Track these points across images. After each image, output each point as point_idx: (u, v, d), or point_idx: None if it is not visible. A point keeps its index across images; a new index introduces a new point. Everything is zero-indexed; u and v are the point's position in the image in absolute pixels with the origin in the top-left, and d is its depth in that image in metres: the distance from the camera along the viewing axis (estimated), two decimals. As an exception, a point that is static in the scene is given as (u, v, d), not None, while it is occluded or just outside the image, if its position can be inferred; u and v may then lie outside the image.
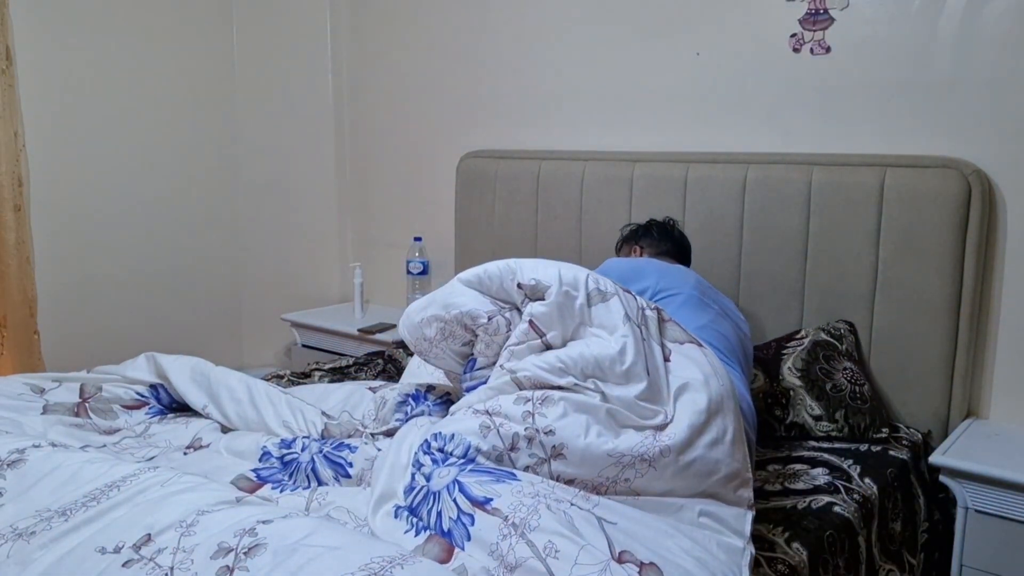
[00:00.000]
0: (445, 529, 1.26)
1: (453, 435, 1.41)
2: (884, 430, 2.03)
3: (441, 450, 1.40)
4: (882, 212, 2.09)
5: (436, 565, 1.15)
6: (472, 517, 1.25)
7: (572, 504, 1.27)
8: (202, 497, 1.27)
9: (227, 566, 1.11)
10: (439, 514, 1.28)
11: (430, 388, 1.86)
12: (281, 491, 1.55)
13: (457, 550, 1.22)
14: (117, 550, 1.19)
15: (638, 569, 1.18)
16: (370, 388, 2.08)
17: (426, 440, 1.44)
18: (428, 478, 1.36)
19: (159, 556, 1.15)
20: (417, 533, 1.28)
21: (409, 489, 1.38)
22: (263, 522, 1.18)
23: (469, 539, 1.22)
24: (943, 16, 2.05)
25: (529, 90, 2.84)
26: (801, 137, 2.29)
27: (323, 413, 1.87)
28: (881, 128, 2.17)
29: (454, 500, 1.28)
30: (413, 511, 1.33)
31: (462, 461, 1.37)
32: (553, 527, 1.20)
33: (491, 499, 1.26)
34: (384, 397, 1.91)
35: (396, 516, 1.33)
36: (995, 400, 2.10)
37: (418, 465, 1.41)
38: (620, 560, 1.18)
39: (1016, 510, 1.79)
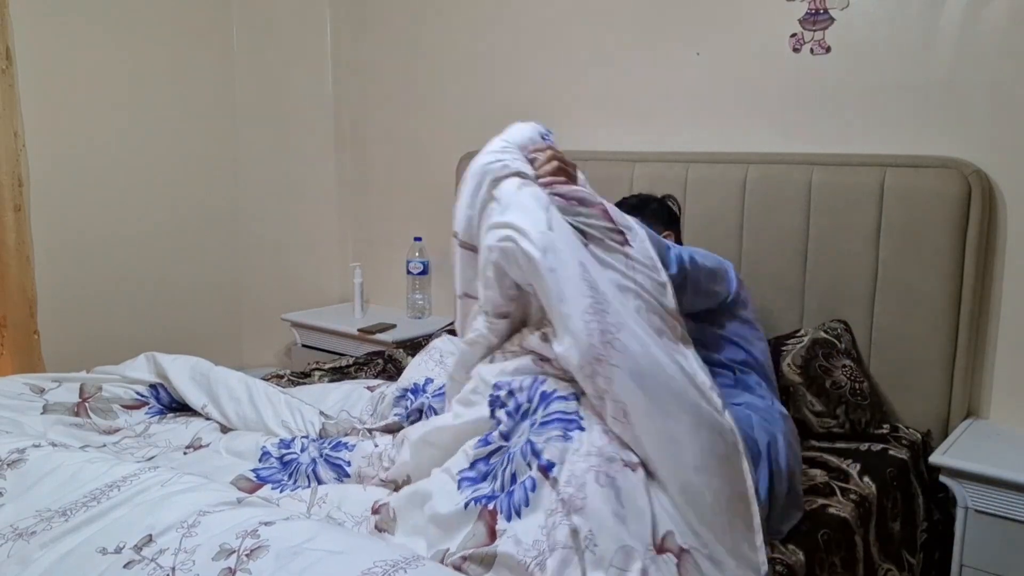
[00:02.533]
0: (512, 492, 1.28)
1: (516, 368, 1.44)
2: (885, 426, 2.05)
3: (511, 392, 1.41)
4: (882, 212, 2.09)
5: (439, 567, 1.15)
6: (534, 481, 1.27)
7: (624, 465, 1.27)
8: (203, 497, 1.28)
9: (229, 568, 1.11)
10: (513, 476, 1.30)
11: (428, 381, 1.87)
12: (281, 491, 1.55)
13: (500, 526, 1.23)
14: (118, 550, 1.19)
15: (676, 560, 1.18)
16: (367, 387, 2.08)
17: (495, 395, 1.44)
18: (507, 437, 1.38)
19: (160, 557, 1.15)
20: (467, 506, 1.29)
21: (484, 442, 1.39)
22: (265, 523, 1.18)
23: (527, 504, 1.24)
24: (943, 16, 2.05)
25: (529, 90, 2.83)
26: (801, 137, 2.29)
27: (321, 413, 1.87)
28: (881, 128, 2.17)
29: (527, 463, 1.30)
30: (487, 462, 1.35)
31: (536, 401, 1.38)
32: (598, 510, 1.20)
33: (553, 465, 1.27)
34: (383, 393, 1.92)
35: (460, 488, 1.34)
36: (995, 400, 2.10)
37: (497, 402, 1.43)
38: (661, 547, 1.19)
39: (1016, 510, 1.79)
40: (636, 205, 2.05)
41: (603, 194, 2.55)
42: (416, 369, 2.01)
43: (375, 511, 1.43)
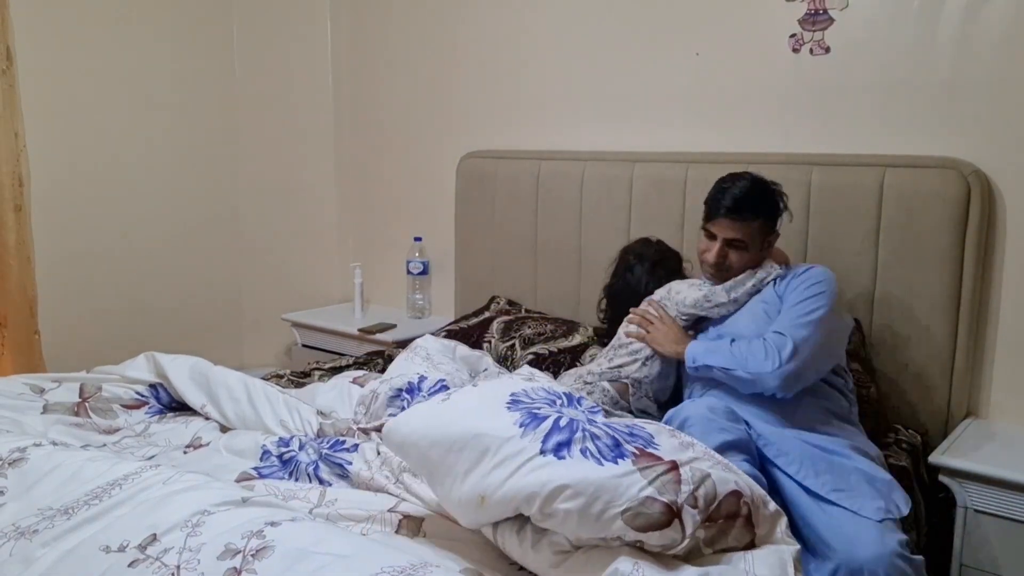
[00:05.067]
0: None
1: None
2: (891, 434, 2.02)
3: None
4: (882, 212, 2.09)
5: (447, 574, 1.15)
6: None
7: None
8: (206, 496, 1.28)
9: (235, 568, 1.11)
10: None
11: (422, 378, 1.85)
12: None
13: None
14: (122, 549, 1.19)
15: None
16: (353, 381, 2.07)
17: None
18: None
19: (165, 555, 1.15)
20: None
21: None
22: (271, 524, 1.18)
23: None
24: (943, 17, 2.06)
25: (529, 90, 2.84)
26: (801, 137, 2.30)
27: (319, 412, 1.87)
28: (881, 128, 2.17)
29: None
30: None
31: None
32: None
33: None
34: (375, 392, 1.90)
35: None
36: (995, 400, 2.11)
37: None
38: None
39: (1016, 510, 1.79)
40: (755, 194, 1.90)
41: (603, 194, 2.58)
42: (402, 366, 1.99)
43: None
